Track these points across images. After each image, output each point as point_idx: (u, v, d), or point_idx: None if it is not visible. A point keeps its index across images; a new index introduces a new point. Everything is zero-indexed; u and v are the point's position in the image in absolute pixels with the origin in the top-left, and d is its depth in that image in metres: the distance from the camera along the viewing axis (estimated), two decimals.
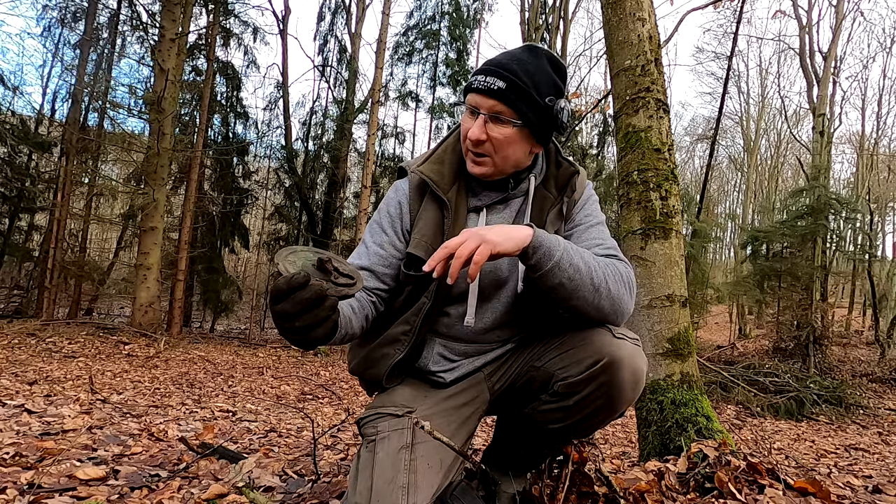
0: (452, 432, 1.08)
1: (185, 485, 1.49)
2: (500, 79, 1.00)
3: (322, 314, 0.83)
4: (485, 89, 1.01)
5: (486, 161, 1.07)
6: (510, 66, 1.01)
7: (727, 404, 6.57)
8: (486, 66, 1.03)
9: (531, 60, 1.03)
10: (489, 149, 1.04)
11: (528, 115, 1.02)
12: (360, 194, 10.00)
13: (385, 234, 1.14)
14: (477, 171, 1.09)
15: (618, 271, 0.99)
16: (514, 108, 1.01)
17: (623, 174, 2.13)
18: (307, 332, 0.84)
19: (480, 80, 1.02)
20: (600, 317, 0.99)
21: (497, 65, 1.02)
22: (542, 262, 0.91)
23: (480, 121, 1.02)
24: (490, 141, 1.03)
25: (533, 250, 0.91)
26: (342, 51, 14.33)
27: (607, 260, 1.01)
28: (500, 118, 1.02)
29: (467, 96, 1.05)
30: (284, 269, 0.87)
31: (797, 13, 14.40)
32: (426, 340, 1.15)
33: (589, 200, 1.18)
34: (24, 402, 2.72)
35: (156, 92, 8.41)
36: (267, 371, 6.79)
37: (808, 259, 10.53)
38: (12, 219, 10.70)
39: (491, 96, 1.00)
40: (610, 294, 0.96)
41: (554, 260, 0.91)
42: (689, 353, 1.98)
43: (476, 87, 1.02)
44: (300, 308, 0.81)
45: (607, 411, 1.01)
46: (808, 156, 15.31)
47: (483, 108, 1.02)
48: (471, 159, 1.08)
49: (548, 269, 0.92)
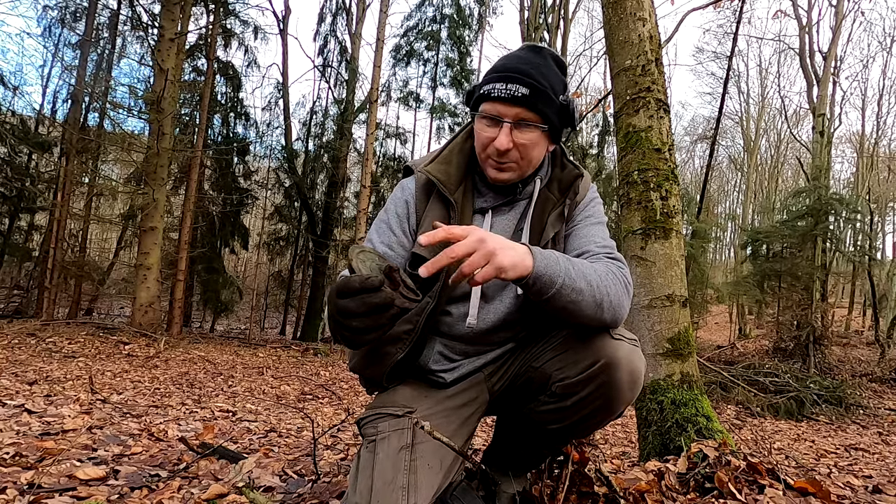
0: (452, 432, 1.08)
1: (185, 485, 1.49)
2: (523, 85, 1.00)
3: (382, 321, 0.84)
4: (508, 97, 1.00)
5: (511, 167, 1.07)
6: (528, 70, 1.01)
7: (727, 404, 6.57)
8: (503, 73, 1.02)
9: (541, 62, 1.04)
10: (515, 156, 1.05)
11: (551, 117, 1.03)
12: (360, 194, 10.00)
13: (393, 233, 1.14)
14: (502, 177, 1.08)
15: (616, 277, 0.98)
16: (539, 113, 1.01)
17: (623, 174, 2.13)
18: (362, 334, 0.85)
19: (501, 87, 1.01)
20: (601, 326, 0.99)
21: (515, 71, 1.01)
22: (544, 290, 0.90)
23: (507, 129, 1.02)
24: (517, 148, 1.03)
25: (533, 281, 0.89)
26: (342, 51, 14.34)
27: (605, 267, 0.99)
28: (527, 123, 1.02)
29: (483, 105, 1.04)
30: (358, 269, 0.86)
31: (797, 13, 14.41)
32: (427, 339, 1.15)
33: (591, 202, 1.19)
34: (24, 402, 2.72)
35: (155, 92, 8.42)
36: (267, 371, 6.79)
37: (808, 259, 10.53)
38: (12, 219, 10.71)
39: (515, 104, 1.00)
40: (612, 306, 0.96)
41: (555, 287, 0.90)
42: (689, 353, 1.98)
43: (498, 96, 1.01)
44: (365, 310, 0.82)
45: (605, 412, 1.01)
46: (808, 156, 15.31)
47: (508, 117, 1.01)
48: (493, 166, 1.08)
49: (549, 296, 0.90)
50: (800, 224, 10.74)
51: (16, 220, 10.92)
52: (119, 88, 11.07)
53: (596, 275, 0.95)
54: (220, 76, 12.69)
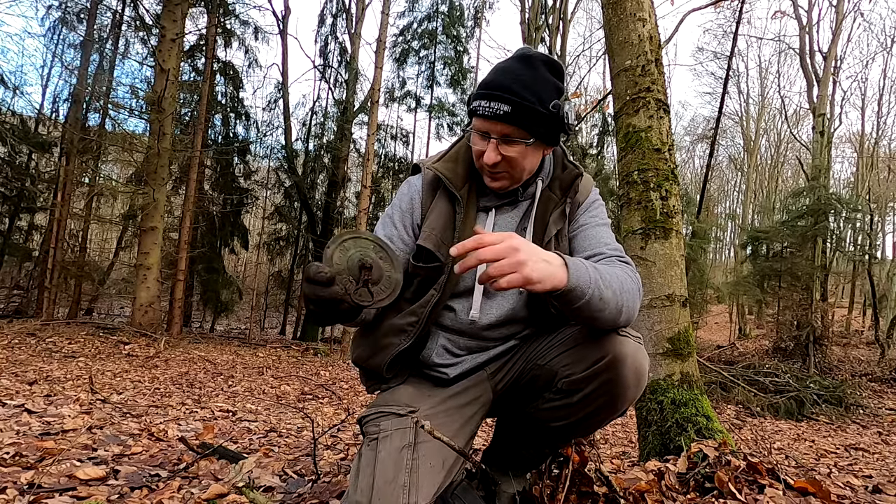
0: (455, 432, 1.08)
1: (185, 485, 1.49)
2: (505, 103, 1.01)
3: (334, 311, 0.90)
4: (490, 115, 1.02)
5: (503, 176, 1.10)
6: (510, 87, 1.02)
7: (727, 404, 6.57)
8: (487, 90, 1.03)
9: (528, 73, 1.04)
10: (505, 167, 1.08)
11: (537, 129, 1.04)
12: (360, 194, 9.99)
13: (395, 227, 1.17)
14: (496, 185, 1.12)
15: (633, 281, 0.99)
16: (523, 128, 1.03)
17: (623, 174, 2.13)
18: (319, 317, 0.94)
19: (485, 105, 1.03)
20: (615, 327, 0.99)
21: (499, 88, 1.02)
22: (573, 301, 0.89)
23: (493, 145, 1.05)
24: (505, 160, 1.06)
25: (564, 293, 0.88)
26: (342, 51, 14.34)
27: (623, 273, 0.99)
28: (511, 139, 1.04)
29: (473, 120, 1.08)
30: (326, 257, 0.89)
31: (797, 13, 14.41)
32: (430, 333, 1.16)
33: (594, 203, 1.20)
34: (24, 402, 2.72)
35: (156, 92, 8.42)
36: (267, 371, 6.79)
37: (808, 259, 10.53)
38: (12, 219, 10.72)
39: (498, 121, 1.02)
40: (629, 310, 0.96)
41: (585, 299, 0.89)
42: (689, 352, 1.98)
43: (482, 114, 1.04)
44: (315, 299, 0.87)
45: (610, 409, 1.02)
46: (808, 156, 15.30)
47: (493, 133, 1.04)
48: (487, 175, 1.12)
49: (577, 306, 0.90)
50: (800, 224, 10.74)
51: (16, 220, 10.92)
52: (120, 88, 11.09)
53: (619, 282, 0.95)
54: (221, 76, 12.69)
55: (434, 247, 1.10)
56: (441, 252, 1.11)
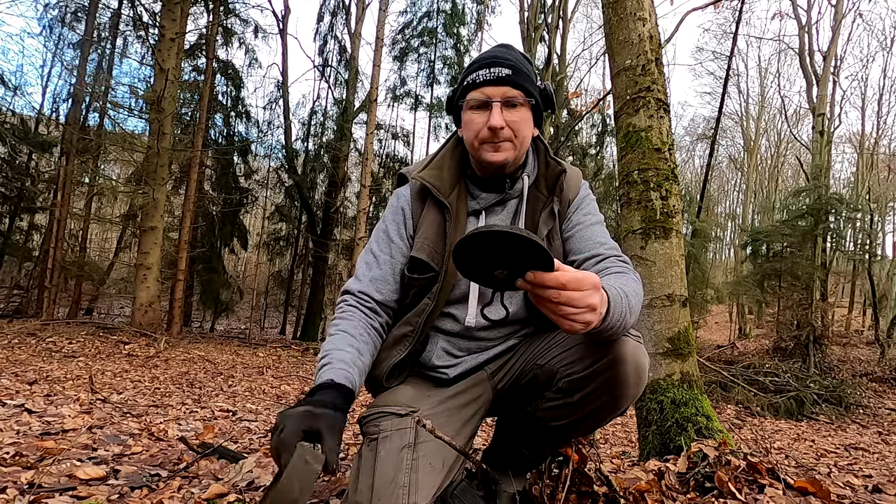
0: (455, 432, 1.08)
1: (186, 484, 1.49)
2: (505, 66, 1.07)
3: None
4: (493, 79, 1.07)
5: (506, 146, 1.09)
6: (505, 55, 1.10)
7: (727, 404, 6.57)
8: (483, 61, 1.10)
9: (513, 53, 1.13)
10: (509, 133, 1.08)
11: (534, 94, 1.11)
12: (360, 194, 9.99)
13: (392, 241, 1.18)
14: (498, 157, 1.09)
15: (639, 286, 0.98)
16: (523, 90, 1.08)
17: (623, 174, 2.13)
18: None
19: (484, 72, 1.08)
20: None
21: (494, 57, 1.09)
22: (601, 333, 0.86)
23: (497, 108, 1.07)
24: (509, 125, 1.08)
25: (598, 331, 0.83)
26: (342, 51, 14.32)
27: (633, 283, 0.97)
28: (514, 101, 1.07)
29: (470, 94, 1.09)
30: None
31: (797, 13, 14.41)
32: (430, 337, 1.17)
33: (585, 200, 1.19)
34: (25, 401, 2.72)
35: (156, 91, 8.42)
36: (267, 371, 6.79)
37: (808, 259, 10.53)
38: (12, 219, 10.72)
39: (501, 84, 1.07)
40: (634, 316, 0.94)
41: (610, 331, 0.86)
42: (689, 352, 1.98)
43: (484, 80, 1.08)
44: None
45: (610, 407, 1.02)
46: (808, 155, 15.30)
47: (496, 97, 1.07)
48: (489, 149, 1.09)
49: (597, 331, 0.84)
50: (800, 223, 10.74)
51: (16, 220, 10.92)
52: (119, 88, 11.08)
53: (636, 297, 0.93)
54: (221, 76, 12.68)
55: (427, 257, 1.11)
56: (434, 262, 1.11)
